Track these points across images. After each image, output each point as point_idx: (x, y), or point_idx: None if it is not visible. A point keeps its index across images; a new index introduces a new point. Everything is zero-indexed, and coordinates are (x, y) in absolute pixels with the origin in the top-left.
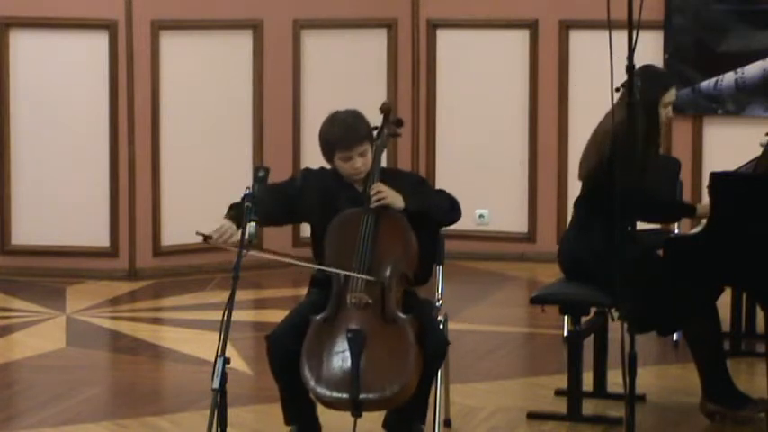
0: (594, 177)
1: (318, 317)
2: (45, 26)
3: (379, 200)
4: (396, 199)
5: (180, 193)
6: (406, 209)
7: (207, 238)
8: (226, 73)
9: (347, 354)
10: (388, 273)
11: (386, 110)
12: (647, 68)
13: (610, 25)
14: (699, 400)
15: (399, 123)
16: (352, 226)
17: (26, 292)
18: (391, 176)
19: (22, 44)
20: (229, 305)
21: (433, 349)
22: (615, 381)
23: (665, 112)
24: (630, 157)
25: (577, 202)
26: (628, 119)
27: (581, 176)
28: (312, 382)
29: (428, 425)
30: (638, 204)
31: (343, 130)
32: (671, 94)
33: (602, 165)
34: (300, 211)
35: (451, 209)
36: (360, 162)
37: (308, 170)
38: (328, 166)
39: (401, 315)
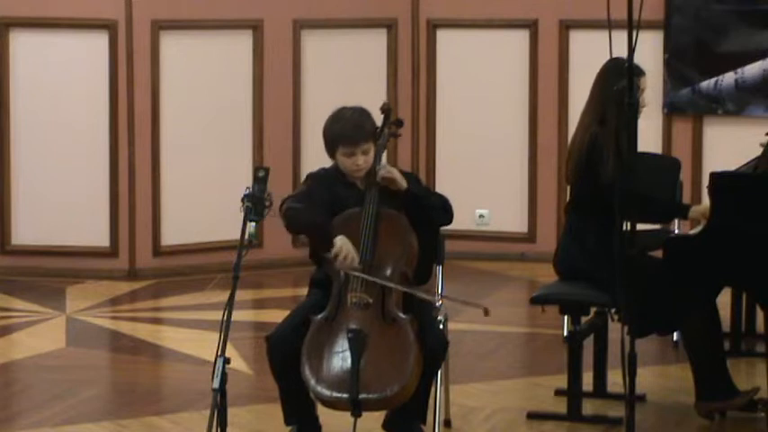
0: (580, 179)
1: (319, 316)
2: (45, 26)
3: (387, 172)
4: (401, 180)
5: (180, 193)
6: (407, 191)
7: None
8: (226, 73)
9: (347, 353)
10: (389, 272)
11: (386, 110)
12: (615, 60)
13: (610, 25)
14: None
15: (399, 124)
16: (353, 225)
17: (26, 292)
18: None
19: (22, 44)
20: (229, 305)
21: (433, 349)
22: (615, 381)
23: (641, 101)
24: (627, 157)
25: (568, 209)
26: (627, 121)
27: (568, 179)
28: (312, 382)
29: (428, 425)
30: (634, 202)
31: (349, 127)
32: (643, 81)
33: (583, 165)
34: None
35: (444, 209)
36: (362, 159)
37: (311, 175)
38: (327, 166)
39: (401, 315)
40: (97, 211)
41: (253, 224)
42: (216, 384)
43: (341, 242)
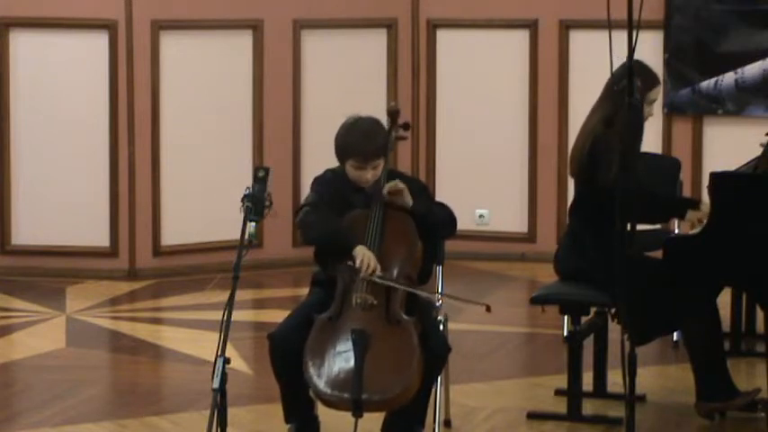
0: (581, 181)
1: (323, 315)
2: (45, 26)
3: (395, 189)
4: (408, 197)
5: (180, 193)
6: (411, 210)
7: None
8: (226, 73)
9: (350, 354)
10: (395, 273)
11: (393, 113)
12: (635, 62)
13: (610, 25)
14: None
15: (406, 126)
16: (360, 227)
17: (26, 292)
18: (397, 178)
19: (22, 44)
20: (229, 305)
21: (435, 353)
22: (615, 381)
23: (648, 110)
24: (629, 156)
25: (571, 210)
26: (628, 120)
27: (572, 173)
28: (314, 381)
29: (428, 425)
30: (637, 202)
31: (362, 143)
32: (656, 92)
33: (584, 166)
34: None
35: (449, 223)
36: (371, 174)
37: (319, 180)
38: (331, 166)
39: (405, 317)
40: (97, 211)
41: (253, 224)
42: (216, 384)
43: (361, 251)
